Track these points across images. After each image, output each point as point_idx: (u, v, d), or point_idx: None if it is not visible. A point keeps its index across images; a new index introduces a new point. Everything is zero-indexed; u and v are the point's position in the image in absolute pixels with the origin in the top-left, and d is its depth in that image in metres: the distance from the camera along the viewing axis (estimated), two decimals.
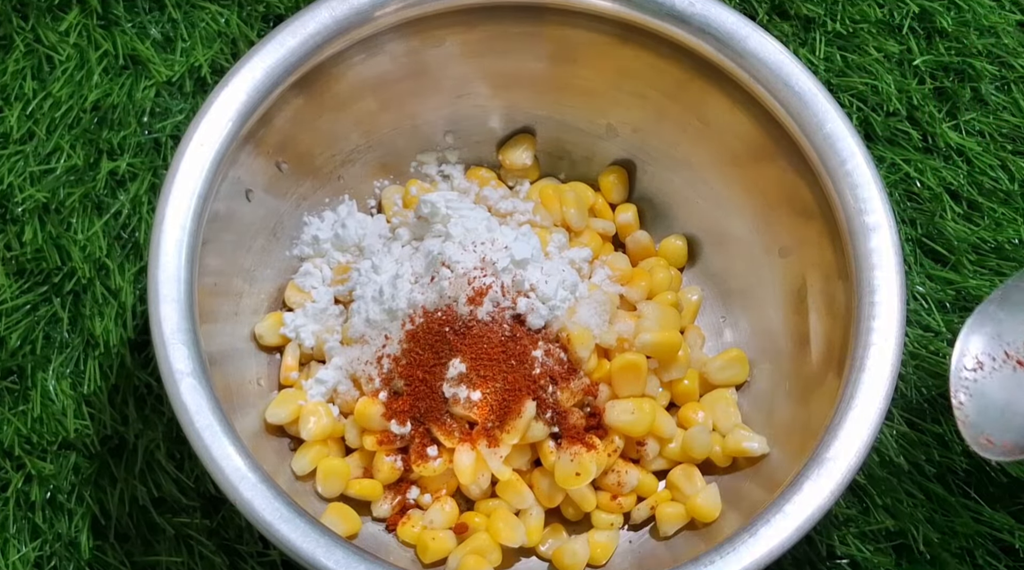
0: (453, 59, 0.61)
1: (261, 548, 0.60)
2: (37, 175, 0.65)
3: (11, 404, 0.62)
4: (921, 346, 0.64)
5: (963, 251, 0.66)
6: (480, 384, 0.55)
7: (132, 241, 0.65)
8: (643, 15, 0.58)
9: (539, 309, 0.57)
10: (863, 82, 0.69)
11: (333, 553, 0.49)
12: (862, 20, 0.70)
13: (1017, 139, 0.69)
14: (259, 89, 0.56)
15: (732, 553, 0.50)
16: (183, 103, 0.67)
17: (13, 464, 0.60)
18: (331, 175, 0.63)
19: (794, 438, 0.56)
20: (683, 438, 0.58)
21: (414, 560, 0.56)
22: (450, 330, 0.56)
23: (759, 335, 0.61)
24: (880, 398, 0.52)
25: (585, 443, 0.56)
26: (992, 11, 0.71)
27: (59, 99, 0.66)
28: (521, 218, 0.62)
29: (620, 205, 0.65)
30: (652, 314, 0.59)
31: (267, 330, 0.60)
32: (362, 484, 0.57)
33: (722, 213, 0.62)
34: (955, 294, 0.65)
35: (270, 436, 0.58)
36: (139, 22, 0.69)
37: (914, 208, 0.67)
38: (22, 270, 0.64)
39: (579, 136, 0.64)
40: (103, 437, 0.61)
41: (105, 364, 0.62)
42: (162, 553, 0.59)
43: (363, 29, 0.58)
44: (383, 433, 0.57)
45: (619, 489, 0.58)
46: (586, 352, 0.57)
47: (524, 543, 0.56)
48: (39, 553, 0.59)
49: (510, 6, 0.59)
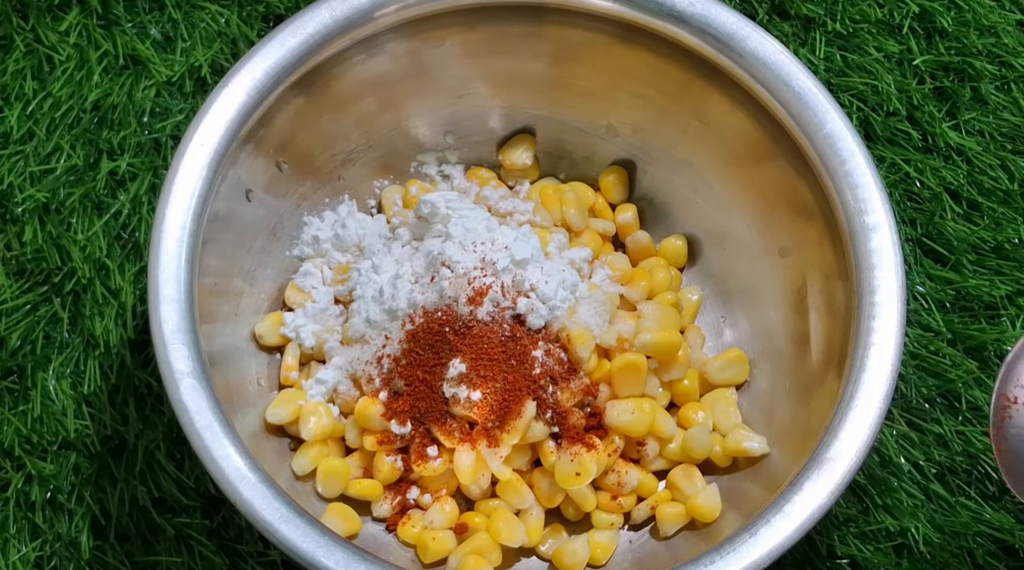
0: (453, 59, 0.61)
1: (261, 548, 0.60)
2: (37, 175, 0.65)
3: (11, 404, 0.62)
4: (921, 346, 0.64)
5: (963, 251, 0.66)
6: (480, 384, 0.55)
7: (132, 241, 0.65)
8: (643, 15, 0.58)
9: (539, 309, 0.57)
10: (863, 82, 0.69)
11: (333, 553, 0.49)
12: (862, 20, 0.70)
13: (1017, 138, 0.69)
14: (259, 89, 0.56)
15: (732, 553, 0.50)
16: (183, 103, 0.67)
17: (13, 464, 0.60)
18: (331, 175, 0.63)
19: (794, 438, 0.56)
20: (683, 438, 0.58)
21: (414, 560, 0.56)
22: (450, 330, 0.56)
23: (759, 335, 0.61)
24: (880, 398, 0.52)
25: (585, 443, 0.56)
26: (992, 11, 0.71)
27: (59, 99, 0.66)
28: (521, 218, 0.62)
29: (620, 205, 0.65)
30: (652, 314, 0.59)
31: (267, 330, 0.60)
32: (362, 484, 0.57)
33: (722, 213, 0.62)
34: (955, 294, 0.65)
35: (270, 436, 0.58)
36: (139, 22, 0.69)
37: (914, 208, 0.67)
38: (22, 270, 0.64)
39: (579, 136, 0.64)
40: (103, 437, 0.61)
41: (105, 364, 0.62)
42: (162, 553, 0.59)
43: (363, 29, 0.58)
44: (383, 433, 0.57)
45: (619, 489, 0.58)
46: (586, 352, 0.57)
47: (524, 543, 0.56)
48: (39, 553, 0.59)
49: (510, 6, 0.59)
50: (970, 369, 0.63)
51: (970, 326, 0.64)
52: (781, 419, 0.58)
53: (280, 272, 0.62)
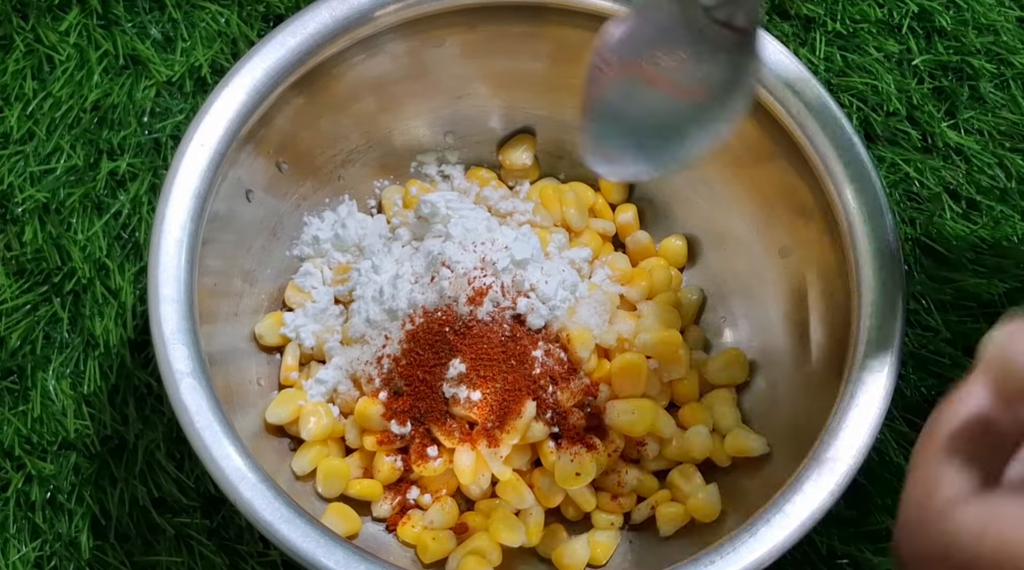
0: (453, 59, 0.61)
1: (261, 548, 0.60)
2: (37, 175, 0.65)
3: (11, 404, 0.62)
4: (921, 346, 0.64)
5: (962, 250, 0.66)
6: (480, 384, 0.55)
7: (132, 241, 0.65)
8: None
9: (539, 309, 0.57)
10: (863, 82, 0.69)
11: (333, 553, 0.49)
12: (862, 20, 0.70)
13: (1015, 136, 0.69)
14: (259, 89, 0.56)
15: (732, 553, 0.50)
16: (183, 103, 0.67)
17: (13, 464, 0.60)
18: (331, 175, 0.63)
19: (794, 438, 0.56)
20: (683, 438, 0.58)
21: (414, 560, 0.56)
22: (450, 330, 0.56)
23: (759, 335, 0.61)
24: (880, 398, 0.52)
25: (585, 443, 0.56)
26: (991, 8, 0.71)
27: (59, 99, 0.66)
28: (521, 218, 0.62)
29: (620, 205, 0.65)
30: (652, 314, 0.59)
31: (267, 330, 0.60)
32: (362, 484, 0.57)
33: (722, 213, 0.62)
34: (955, 294, 0.65)
35: (270, 436, 0.58)
36: (139, 22, 0.69)
37: (914, 208, 0.67)
38: (22, 270, 0.64)
39: (579, 136, 0.64)
40: (103, 437, 0.61)
41: (105, 364, 0.62)
42: (162, 553, 0.59)
43: (363, 29, 0.58)
44: (383, 433, 0.57)
45: (619, 489, 0.58)
46: (586, 352, 0.57)
47: (524, 543, 0.56)
48: (39, 553, 0.59)
49: (510, 6, 0.59)
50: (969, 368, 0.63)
51: (968, 325, 0.64)
52: (781, 419, 0.58)
53: (280, 272, 0.62)
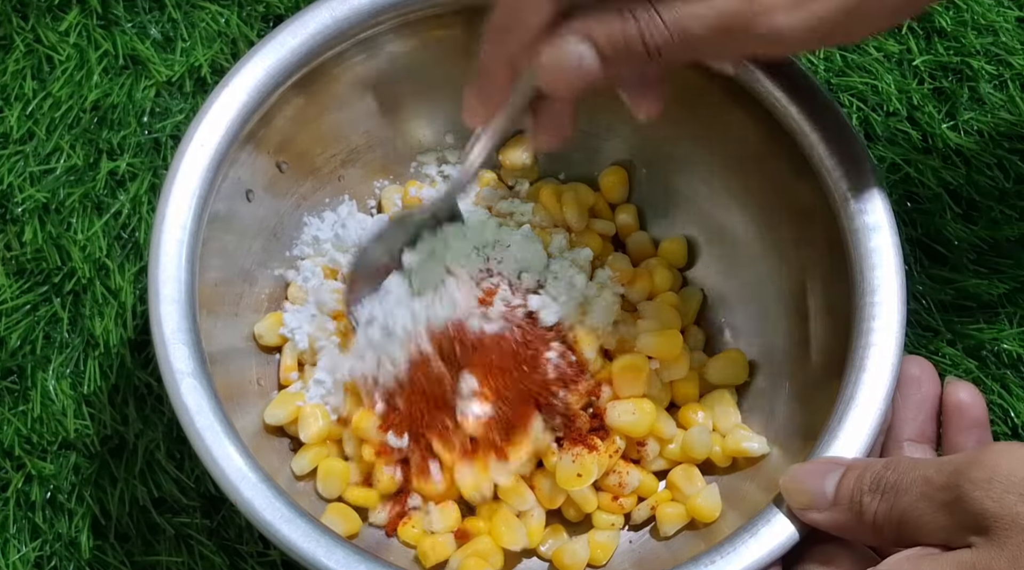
0: (453, 59, 0.61)
1: (261, 548, 0.60)
2: (37, 175, 0.65)
3: (11, 404, 0.62)
4: (921, 346, 0.64)
5: (962, 250, 0.66)
6: (489, 397, 0.55)
7: (132, 241, 0.65)
8: None
9: (551, 305, 0.57)
10: (863, 82, 0.69)
11: (333, 553, 0.49)
12: None
13: (1014, 137, 0.69)
14: (259, 89, 0.56)
15: (732, 553, 0.50)
16: (183, 103, 0.67)
17: (13, 464, 0.60)
18: (331, 175, 0.63)
19: (794, 438, 0.56)
20: (683, 438, 0.58)
21: (415, 560, 0.56)
22: (455, 339, 0.56)
23: (759, 335, 0.61)
24: (880, 398, 0.52)
25: (587, 444, 0.56)
26: (991, 9, 0.71)
27: (59, 99, 0.66)
28: (521, 219, 0.62)
29: (620, 205, 0.65)
30: (652, 314, 0.59)
31: (267, 330, 0.60)
32: (357, 493, 0.57)
33: (722, 213, 0.62)
34: (955, 294, 0.65)
35: (270, 436, 0.58)
36: (139, 22, 0.69)
37: (914, 208, 0.67)
38: (22, 270, 0.64)
39: (579, 136, 0.64)
40: (103, 437, 0.61)
41: (105, 364, 0.62)
42: (162, 553, 0.59)
43: (363, 29, 0.58)
44: (381, 445, 0.56)
45: (620, 490, 0.58)
46: (592, 353, 0.57)
47: (525, 545, 0.56)
48: (39, 553, 0.59)
49: None
50: (969, 368, 0.63)
51: (968, 326, 0.65)
52: (781, 419, 0.58)
53: (280, 272, 0.62)
